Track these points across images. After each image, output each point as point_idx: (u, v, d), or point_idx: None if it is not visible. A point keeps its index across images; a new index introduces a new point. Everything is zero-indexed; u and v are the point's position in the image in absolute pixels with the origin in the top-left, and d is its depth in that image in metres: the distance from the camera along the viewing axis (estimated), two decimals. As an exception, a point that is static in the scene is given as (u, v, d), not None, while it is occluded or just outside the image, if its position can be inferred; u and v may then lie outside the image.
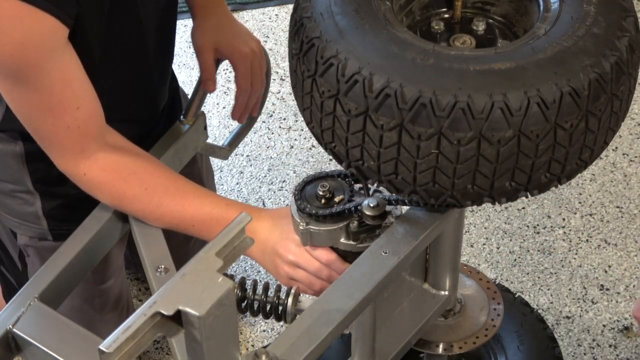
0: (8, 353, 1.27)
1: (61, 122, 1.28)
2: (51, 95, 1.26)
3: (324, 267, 1.31)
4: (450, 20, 1.22)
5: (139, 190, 1.34)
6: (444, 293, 1.38)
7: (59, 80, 1.25)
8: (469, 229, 2.28)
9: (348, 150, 1.09)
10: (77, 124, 1.29)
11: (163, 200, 1.35)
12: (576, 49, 1.04)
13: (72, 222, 1.43)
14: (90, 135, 1.31)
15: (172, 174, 1.39)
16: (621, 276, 2.17)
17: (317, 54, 1.06)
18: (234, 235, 0.95)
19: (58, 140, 1.31)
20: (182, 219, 1.36)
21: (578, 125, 1.03)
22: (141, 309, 0.89)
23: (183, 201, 1.35)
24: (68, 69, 1.26)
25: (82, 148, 1.32)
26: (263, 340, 2.08)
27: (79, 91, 1.29)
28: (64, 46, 1.25)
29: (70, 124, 1.29)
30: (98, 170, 1.33)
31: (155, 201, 1.35)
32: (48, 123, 1.29)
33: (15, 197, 1.55)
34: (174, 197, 1.35)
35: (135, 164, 1.36)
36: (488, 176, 1.05)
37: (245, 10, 2.97)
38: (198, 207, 1.35)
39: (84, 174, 1.34)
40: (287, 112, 2.59)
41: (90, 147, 1.32)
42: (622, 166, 2.42)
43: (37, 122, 1.30)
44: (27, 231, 1.59)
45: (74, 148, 1.32)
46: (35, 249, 1.61)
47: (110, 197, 1.36)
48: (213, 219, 1.35)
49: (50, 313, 1.28)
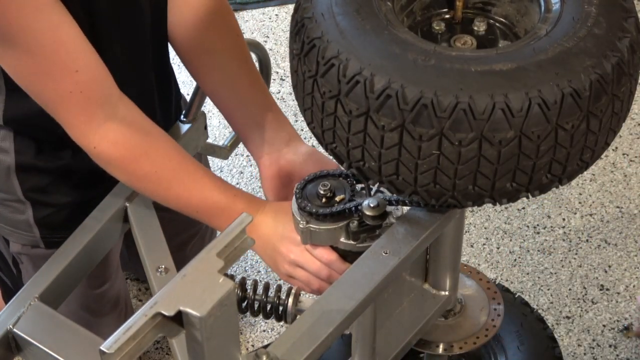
0: (8, 353, 1.27)
1: (62, 87, 1.25)
2: (45, 57, 1.22)
3: (324, 266, 1.31)
4: (451, 21, 1.21)
5: (149, 170, 1.32)
6: (444, 293, 1.38)
7: (50, 41, 1.22)
8: (469, 229, 2.28)
9: (349, 151, 1.09)
10: (79, 89, 1.25)
11: (172, 184, 1.34)
12: (577, 49, 1.04)
13: (64, 230, 1.42)
14: (95, 101, 1.28)
15: (184, 156, 1.36)
16: (621, 276, 2.17)
17: (318, 55, 1.06)
18: (235, 236, 0.95)
19: (63, 108, 1.28)
20: (188, 205, 1.36)
21: (579, 126, 1.03)
22: (142, 310, 0.89)
23: (191, 187, 1.34)
24: (59, 30, 1.23)
25: (89, 116, 1.28)
26: (263, 340, 2.08)
27: (75, 53, 1.25)
28: (52, 5, 1.21)
29: (72, 89, 1.25)
30: (108, 145, 1.30)
31: (164, 184, 1.34)
32: (49, 88, 1.26)
33: (6, 206, 1.53)
34: (183, 182, 1.34)
35: (148, 144, 1.33)
36: (489, 177, 1.05)
37: (245, 10, 2.96)
38: (205, 194, 1.34)
39: (93, 146, 1.30)
40: (287, 112, 2.59)
41: (97, 116, 1.28)
42: (622, 166, 2.42)
43: (39, 88, 1.27)
44: (20, 239, 1.58)
45: (80, 116, 1.28)
46: (28, 256, 1.60)
47: (120, 173, 1.34)
48: (219, 209, 1.34)
49: (50, 313, 1.28)
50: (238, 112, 1.52)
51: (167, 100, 1.61)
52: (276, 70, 2.70)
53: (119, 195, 1.45)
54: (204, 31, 1.49)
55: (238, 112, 1.52)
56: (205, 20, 1.48)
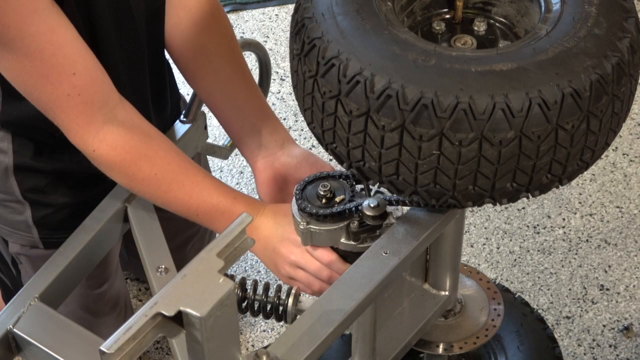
0: (8, 353, 1.27)
1: (60, 90, 1.25)
2: (43, 60, 1.22)
3: (325, 267, 1.31)
4: (452, 21, 1.21)
5: (149, 174, 1.32)
6: (444, 293, 1.38)
7: (48, 43, 1.22)
8: (469, 229, 2.28)
9: (349, 151, 1.09)
10: (76, 92, 1.25)
11: (171, 187, 1.34)
12: (577, 50, 1.04)
13: (62, 230, 1.42)
14: (93, 104, 1.27)
15: (184, 159, 1.36)
16: (621, 276, 2.17)
17: (318, 55, 1.06)
18: (235, 236, 0.95)
19: (61, 111, 1.28)
20: (187, 207, 1.36)
21: (579, 126, 1.03)
22: (142, 310, 0.89)
23: (191, 190, 1.34)
24: (57, 32, 1.23)
25: (88, 120, 1.28)
26: (263, 340, 2.08)
27: (73, 56, 1.25)
28: (49, 8, 1.21)
29: (70, 92, 1.25)
30: (108, 149, 1.30)
31: (164, 187, 1.34)
32: (47, 92, 1.26)
33: (5, 206, 1.53)
34: (182, 185, 1.34)
35: (147, 146, 1.33)
36: (489, 177, 1.05)
37: (245, 10, 2.96)
38: (205, 197, 1.34)
39: (93, 150, 1.30)
40: (287, 112, 2.59)
41: (96, 119, 1.28)
42: (622, 166, 2.42)
43: (37, 91, 1.27)
44: (19, 239, 1.58)
45: (79, 120, 1.28)
46: (27, 257, 1.60)
47: (119, 176, 1.34)
48: (218, 212, 1.34)
49: (50, 313, 1.28)
50: (233, 117, 1.52)
51: (161, 106, 1.61)
52: (276, 70, 2.70)
53: (119, 195, 1.45)
54: (200, 35, 1.49)
55: (233, 117, 1.52)
56: (200, 24, 1.48)
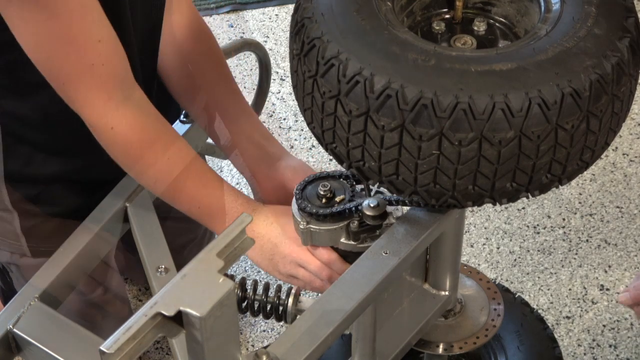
0: (8, 353, 1.27)
1: (85, 59, 1.23)
2: (71, 23, 1.20)
3: (325, 266, 1.32)
4: (451, 21, 1.21)
5: (161, 158, 1.31)
6: (444, 293, 1.38)
7: (78, 5, 1.20)
8: (469, 229, 2.28)
9: (349, 151, 1.09)
10: (101, 61, 1.23)
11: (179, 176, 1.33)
12: (577, 49, 1.04)
13: (51, 240, 1.42)
14: (115, 77, 1.26)
15: (190, 150, 1.36)
16: (621, 276, 2.17)
17: (318, 55, 1.06)
18: (234, 236, 0.95)
19: (83, 83, 1.25)
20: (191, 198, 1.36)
21: (579, 126, 1.03)
22: (142, 310, 0.89)
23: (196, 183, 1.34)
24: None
25: (109, 94, 1.25)
26: (263, 340, 2.08)
27: (100, 21, 1.23)
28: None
29: (95, 61, 1.23)
30: (126, 127, 1.28)
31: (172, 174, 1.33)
32: (71, 60, 1.23)
33: None
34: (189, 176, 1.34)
35: (165, 129, 1.33)
36: (489, 177, 1.05)
37: (245, 10, 2.96)
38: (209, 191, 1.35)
39: (111, 127, 1.27)
40: (287, 112, 2.59)
41: (116, 94, 1.26)
42: (622, 166, 2.42)
43: (60, 60, 1.23)
44: (8, 248, 1.58)
45: (101, 92, 1.25)
46: (17, 265, 1.60)
47: (129, 160, 1.32)
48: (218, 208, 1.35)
49: (50, 313, 1.28)
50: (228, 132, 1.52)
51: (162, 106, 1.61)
52: (276, 70, 2.70)
53: (119, 195, 1.45)
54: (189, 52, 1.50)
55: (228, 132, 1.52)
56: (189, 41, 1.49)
